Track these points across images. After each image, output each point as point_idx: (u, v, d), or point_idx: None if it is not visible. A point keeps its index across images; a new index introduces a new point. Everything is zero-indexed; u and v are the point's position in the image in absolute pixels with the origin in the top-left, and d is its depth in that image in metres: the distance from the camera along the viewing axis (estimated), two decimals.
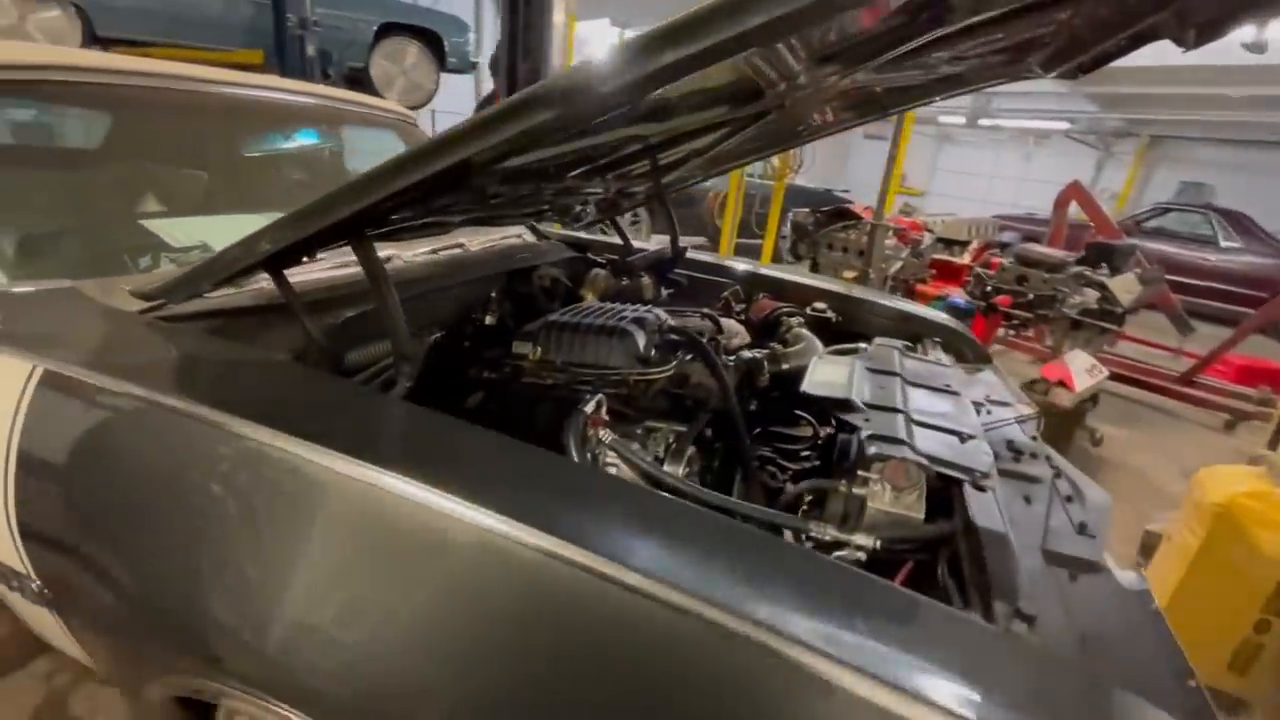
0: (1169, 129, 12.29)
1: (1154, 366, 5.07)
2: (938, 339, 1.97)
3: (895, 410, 1.26)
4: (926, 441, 1.16)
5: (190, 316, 1.08)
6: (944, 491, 1.06)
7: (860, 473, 1.04)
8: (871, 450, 1.10)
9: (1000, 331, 4.51)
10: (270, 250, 0.89)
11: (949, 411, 1.33)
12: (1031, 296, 3.34)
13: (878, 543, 0.94)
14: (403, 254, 1.66)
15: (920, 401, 1.37)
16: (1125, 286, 3.62)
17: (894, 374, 1.49)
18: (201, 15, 5.50)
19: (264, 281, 1.24)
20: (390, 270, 1.56)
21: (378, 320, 1.05)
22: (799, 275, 2.31)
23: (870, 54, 1.03)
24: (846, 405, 1.28)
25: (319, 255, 1.06)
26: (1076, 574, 0.94)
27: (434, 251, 1.77)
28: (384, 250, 1.60)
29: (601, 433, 1.14)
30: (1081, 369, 3.23)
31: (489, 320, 1.62)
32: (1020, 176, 15.15)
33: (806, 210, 4.50)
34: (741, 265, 2.33)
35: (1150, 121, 11.96)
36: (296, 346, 1.06)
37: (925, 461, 1.07)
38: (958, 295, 4.17)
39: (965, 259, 4.20)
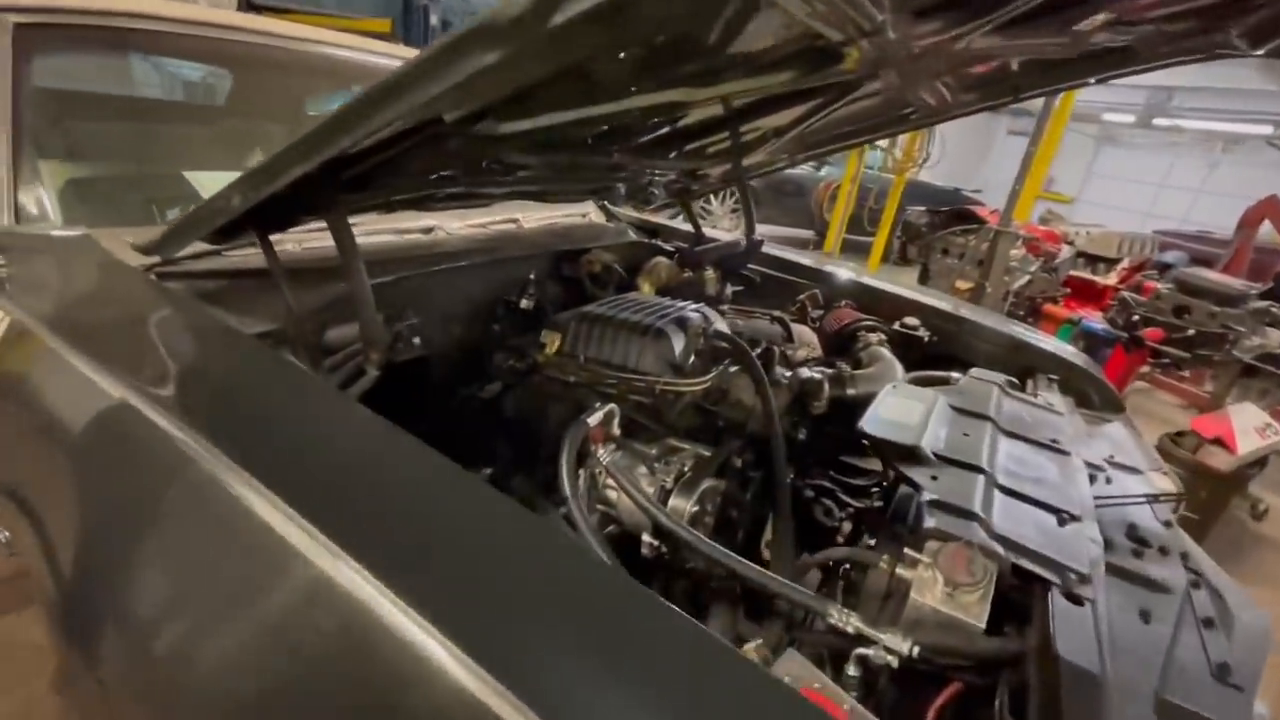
0: None
1: None
2: (1054, 376, 1.62)
3: (975, 469, 1.00)
4: (1009, 518, 0.90)
5: (190, 275, 1.03)
6: (1021, 592, 0.80)
7: (909, 551, 0.81)
8: (930, 523, 0.86)
9: (1144, 368, 3.85)
10: (240, 206, 0.80)
11: (1050, 478, 1.04)
12: (1192, 333, 2.76)
13: (915, 649, 0.71)
14: (446, 225, 1.57)
15: (1013, 459, 1.09)
16: None
17: (985, 418, 1.21)
18: None
19: (290, 244, 1.20)
20: (426, 241, 1.49)
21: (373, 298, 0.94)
22: (892, 284, 2.01)
23: (985, 6, 0.77)
24: (912, 454, 1.03)
25: (308, 224, 0.96)
26: None
27: (483, 225, 1.67)
28: (425, 220, 1.53)
29: (601, 450, 0.98)
30: (1249, 426, 2.64)
31: (524, 304, 1.49)
32: (1197, 188, 13.08)
33: (922, 209, 4.01)
34: (825, 266, 2.06)
35: None
36: (287, 319, 0.98)
37: (1000, 550, 0.82)
38: (1095, 321, 3.58)
39: (1111, 279, 3.58)
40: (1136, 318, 2.88)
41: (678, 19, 0.51)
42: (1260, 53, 1.20)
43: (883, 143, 6.70)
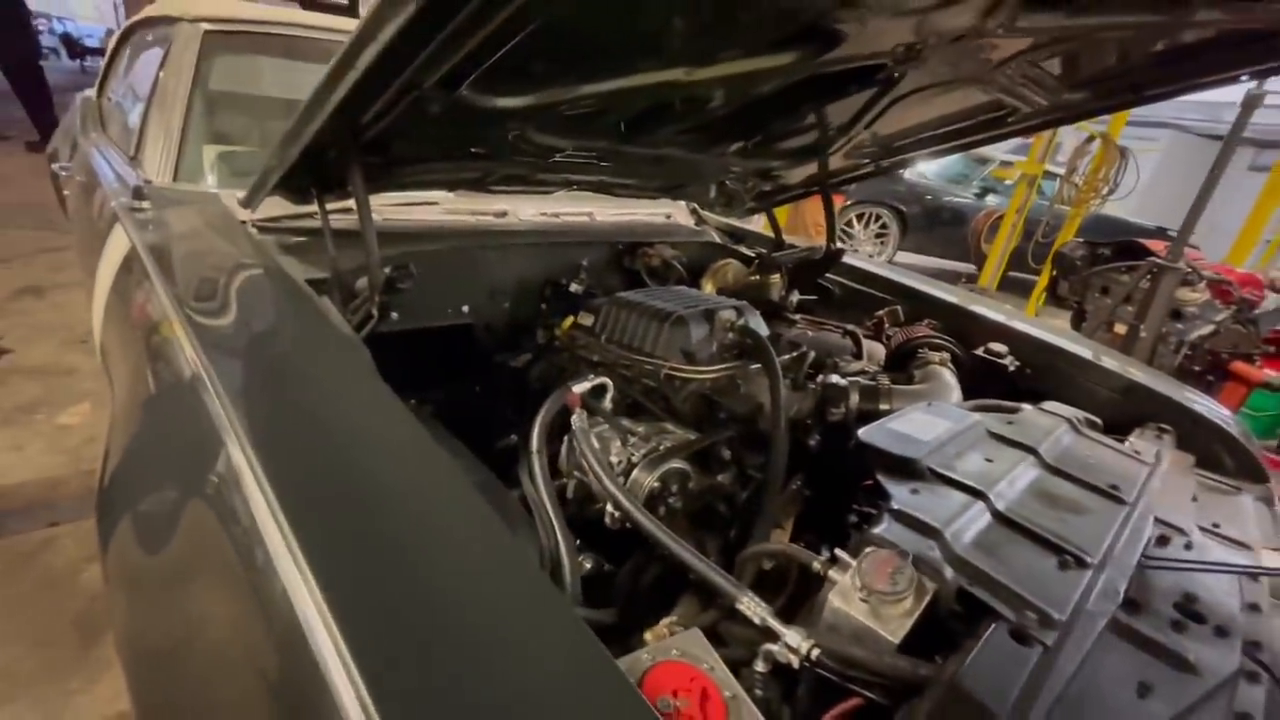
0: None
1: None
2: (1167, 427, 1.36)
3: (972, 491, 0.88)
4: (990, 548, 0.78)
5: (279, 229, 1.24)
6: (966, 623, 0.70)
7: (839, 552, 0.75)
8: (877, 529, 0.78)
9: None
10: (285, 162, 0.94)
11: (1078, 521, 0.89)
12: None
13: (815, 651, 0.66)
14: (520, 211, 1.70)
15: (1039, 494, 0.94)
16: None
17: (1027, 449, 1.05)
18: None
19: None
20: (496, 223, 1.63)
21: (425, 259, 1.07)
22: (994, 309, 1.81)
23: None
24: (904, 467, 0.94)
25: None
26: None
27: (555, 215, 1.78)
28: (498, 204, 1.67)
29: (575, 416, 1.01)
30: None
31: (574, 287, 1.57)
32: None
33: (1079, 240, 3.49)
34: (911, 282, 1.90)
35: None
36: (334, 269, 1.13)
37: (947, 571, 0.72)
38: None
39: None
40: None
41: None
42: None
43: (1057, 170, 5.97)
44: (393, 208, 1.46)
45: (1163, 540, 0.95)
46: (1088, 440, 1.17)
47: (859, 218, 7.03)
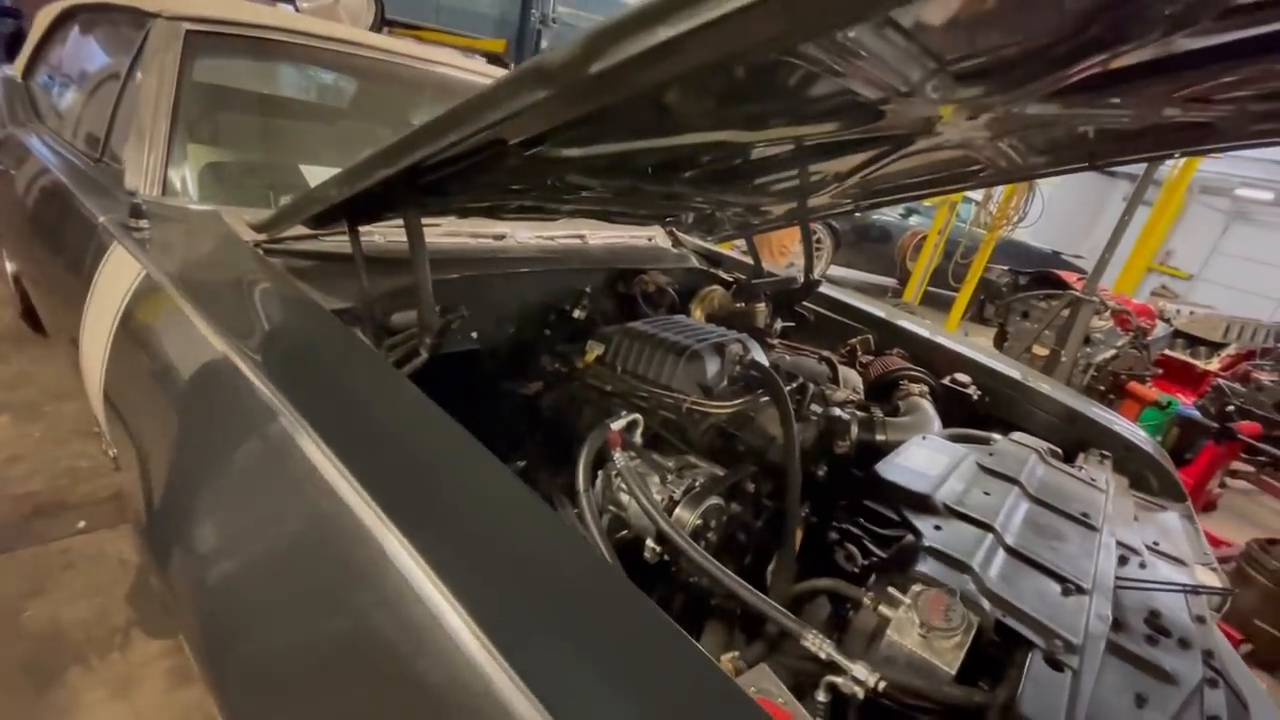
0: None
1: None
2: (1107, 453, 1.55)
3: (985, 526, 0.99)
4: (1008, 578, 0.89)
5: (290, 253, 1.19)
6: (1003, 650, 0.80)
7: (892, 590, 0.83)
8: (920, 568, 0.87)
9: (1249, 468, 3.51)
10: (336, 198, 0.93)
11: (1068, 549, 1.02)
12: None
13: (881, 683, 0.73)
14: (517, 234, 1.70)
15: (1033, 525, 1.07)
16: None
17: (1013, 481, 1.19)
18: (467, 6, 6.30)
19: (377, 236, 1.35)
20: (496, 247, 1.63)
21: (438, 288, 1.06)
22: (950, 339, 1.98)
23: (1026, 77, 0.80)
24: (923, 502, 1.04)
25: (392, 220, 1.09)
26: None
27: (551, 238, 1.79)
28: (498, 228, 1.67)
29: (617, 454, 1.05)
30: None
31: (577, 314, 1.59)
32: None
33: (1005, 268, 3.86)
34: (881, 312, 2.05)
35: None
36: (361, 299, 1.11)
37: (985, 605, 0.82)
38: (1191, 407, 3.31)
39: (1213, 365, 3.31)
40: (1231, 408, 2.65)
41: (709, 70, 0.59)
42: None
43: (977, 196, 6.50)
44: (394, 229, 1.43)
45: (1123, 560, 1.11)
46: (1055, 470, 1.32)
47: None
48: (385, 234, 1.37)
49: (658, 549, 1.01)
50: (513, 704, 0.49)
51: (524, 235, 1.72)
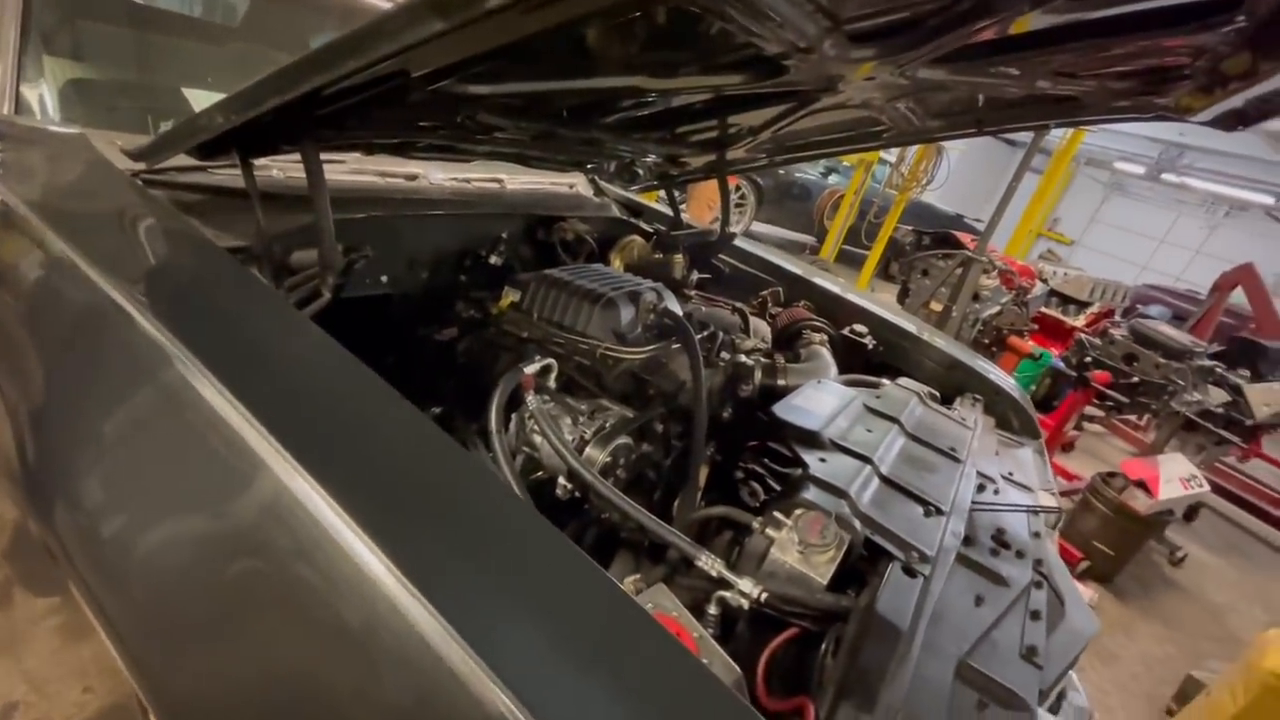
0: None
1: None
2: (979, 397, 1.73)
3: (863, 458, 1.11)
4: (878, 502, 1.01)
5: (174, 185, 1.11)
6: (870, 564, 0.91)
7: (777, 514, 0.92)
8: (803, 494, 0.97)
9: (1102, 413, 3.99)
10: (223, 125, 0.87)
11: (934, 478, 1.16)
12: (1137, 380, 2.89)
13: (763, 595, 0.82)
14: (430, 175, 1.64)
15: (906, 457, 1.20)
16: (1265, 397, 3.07)
17: (893, 420, 1.32)
18: None
19: (275, 170, 1.27)
20: (408, 187, 1.57)
21: (342, 228, 1.03)
22: (853, 293, 2.11)
23: (913, 41, 0.86)
24: (811, 438, 1.14)
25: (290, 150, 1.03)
26: (986, 703, 0.78)
27: (466, 180, 1.74)
28: (409, 168, 1.60)
29: (530, 397, 1.08)
30: (1174, 475, 2.78)
31: (494, 260, 1.58)
32: (1195, 248, 13.27)
33: (910, 229, 4.12)
34: (792, 266, 2.15)
35: None
36: (257, 237, 1.05)
37: (857, 525, 0.93)
38: (1058, 359, 3.70)
39: (1080, 321, 3.71)
40: (1089, 359, 3.01)
41: (603, 13, 0.60)
42: (1199, 120, 1.30)
43: (890, 159, 6.77)
44: (293, 163, 1.35)
45: (981, 488, 1.27)
46: (933, 411, 1.47)
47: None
48: (284, 168, 1.29)
49: (569, 486, 1.06)
50: (430, 636, 0.51)
51: (438, 176, 1.66)
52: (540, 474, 1.12)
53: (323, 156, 1.43)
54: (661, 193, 2.27)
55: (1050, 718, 0.80)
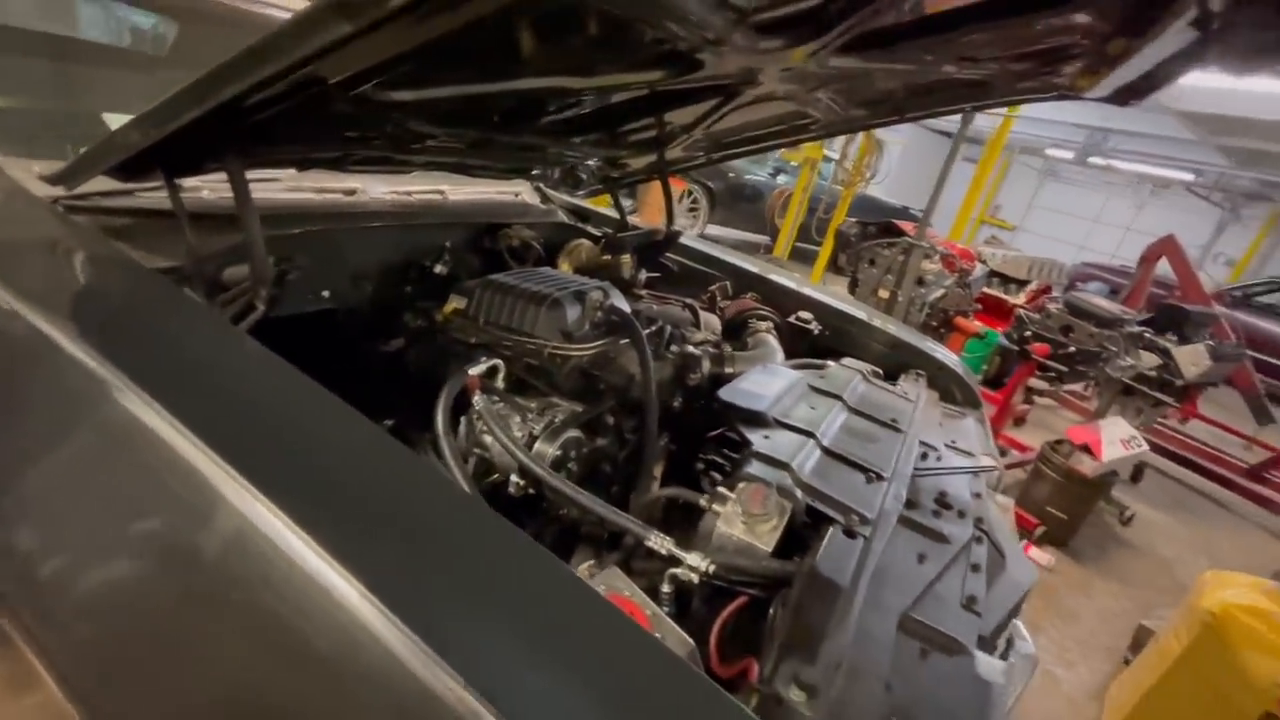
0: None
1: (1222, 453, 4.59)
2: (921, 372, 1.81)
3: (806, 433, 1.15)
4: (820, 472, 1.05)
5: (98, 210, 1.09)
6: (813, 529, 0.95)
7: (721, 489, 0.95)
8: (747, 469, 1.00)
9: (1049, 385, 4.17)
10: (140, 143, 0.86)
11: (876, 448, 1.20)
12: (1073, 349, 3.04)
13: (711, 566, 0.85)
14: (370, 189, 1.64)
15: (849, 431, 1.25)
16: (1192, 358, 3.26)
17: (837, 397, 1.36)
18: None
19: (206, 191, 1.26)
20: (346, 202, 1.57)
21: (277, 244, 1.03)
22: (796, 283, 2.17)
23: (817, 30, 0.91)
24: (756, 418, 1.18)
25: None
26: (928, 651, 0.82)
27: (407, 193, 1.74)
28: (348, 183, 1.60)
29: (476, 397, 1.09)
30: (1115, 438, 2.93)
31: (439, 269, 1.58)
32: (1127, 225, 13.98)
33: (854, 220, 4.27)
34: (738, 261, 2.21)
35: None
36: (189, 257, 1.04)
37: (798, 493, 0.96)
38: (1004, 336, 3.86)
39: (1020, 299, 3.88)
40: (1029, 334, 3.15)
41: (510, 10, 0.62)
42: (1094, 97, 1.39)
43: (834, 155, 6.97)
44: (224, 183, 1.33)
45: (924, 455, 1.32)
46: (875, 387, 1.53)
47: (680, 196, 7.52)
48: (215, 188, 1.27)
49: (522, 483, 1.07)
50: (399, 651, 0.51)
51: (378, 190, 1.66)
52: (495, 476, 1.13)
53: (256, 175, 1.42)
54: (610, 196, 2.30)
55: (989, 659, 0.84)
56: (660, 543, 0.89)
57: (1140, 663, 2.04)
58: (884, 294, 3.58)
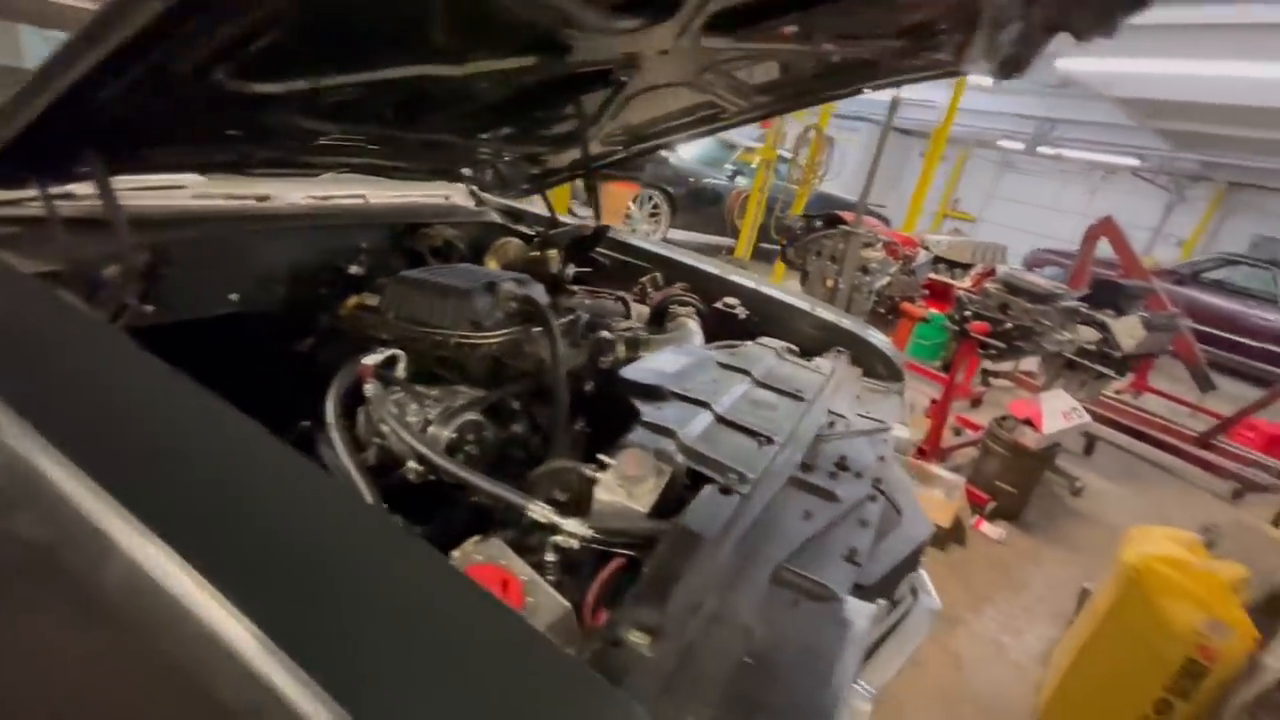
0: (1249, 176, 11.43)
1: (1170, 423, 4.72)
2: (843, 350, 1.85)
3: (700, 404, 1.17)
4: (710, 438, 1.07)
5: None
6: (694, 491, 0.97)
7: (600, 456, 0.97)
8: (630, 437, 1.02)
9: (993, 365, 4.27)
10: None
11: (776, 416, 1.23)
12: (1010, 326, 3.13)
13: (589, 530, 0.86)
14: (286, 196, 1.64)
15: (751, 401, 1.27)
16: (1129, 330, 3.36)
17: (743, 372, 1.39)
18: None
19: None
20: (256, 208, 1.57)
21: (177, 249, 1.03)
22: (728, 271, 2.21)
23: (667, 9, 0.94)
24: (652, 392, 1.20)
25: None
26: (798, 599, 0.85)
27: (324, 199, 1.75)
28: (261, 188, 1.60)
29: (368, 386, 1.10)
30: (1056, 410, 3.01)
31: (354, 270, 1.58)
32: (1081, 211, 14.34)
33: (799, 215, 4.35)
34: (666, 252, 2.24)
35: (1228, 166, 11.13)
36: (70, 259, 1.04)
37: (679, 457, 0.99)
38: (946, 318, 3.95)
39: (966, 283, 3.97)
40: (969, 313, 3.24)
41: None
42: (973, 71, 1.45)
43: (787, 154, 7.09)
44: (130, 191, 1.33)
45: (831, 424, 1.35)
46: (788, 362, 1.56)
47: (634, 200, 7.57)
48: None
49: (420, 469, 1.08)
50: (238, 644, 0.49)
51: (294, 196, 1.67)
52: (397, 465, 1.13)
53: (160, 181, 1.42)
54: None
55: (858, 603, 0.86)
56: (541, 512, 0.90)
57: (1078, 623, 2.09)
58: (830, 284, 3.65)
